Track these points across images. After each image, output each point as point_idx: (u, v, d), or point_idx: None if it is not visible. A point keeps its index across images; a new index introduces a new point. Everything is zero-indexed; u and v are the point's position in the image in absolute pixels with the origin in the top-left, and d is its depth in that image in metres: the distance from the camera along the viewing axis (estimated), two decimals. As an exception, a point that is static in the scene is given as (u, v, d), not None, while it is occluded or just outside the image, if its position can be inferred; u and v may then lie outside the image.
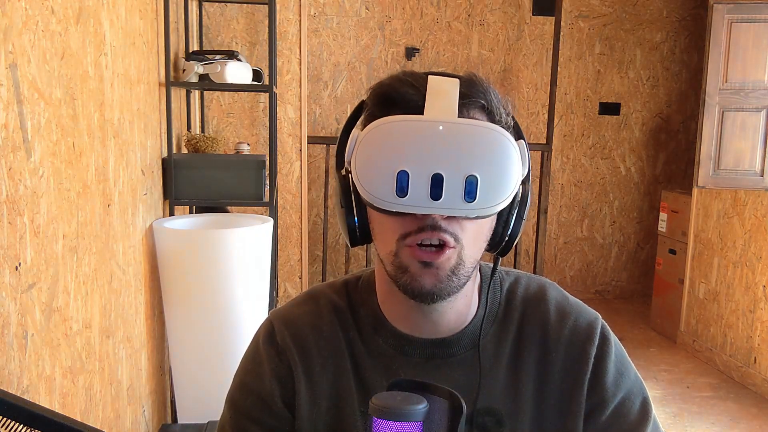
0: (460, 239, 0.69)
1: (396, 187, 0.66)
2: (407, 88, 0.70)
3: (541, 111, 4.34)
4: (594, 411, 0.78)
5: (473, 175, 0.66)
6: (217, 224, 2.39)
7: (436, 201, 0.66)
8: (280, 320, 0.83)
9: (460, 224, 0.69)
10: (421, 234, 0.68)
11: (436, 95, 0.68)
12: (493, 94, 0.72)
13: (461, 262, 0.70)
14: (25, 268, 1.12)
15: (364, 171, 0.68)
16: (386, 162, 0.67)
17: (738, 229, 3.25)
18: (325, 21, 4.04)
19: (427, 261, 0.69)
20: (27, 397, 1.11)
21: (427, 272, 0.69)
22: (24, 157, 1.12)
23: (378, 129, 0.68)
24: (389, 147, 0.67)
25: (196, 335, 2.14)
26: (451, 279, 0.70)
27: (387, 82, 0.73)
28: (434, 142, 0.66)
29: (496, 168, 0.67)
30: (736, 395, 3.06)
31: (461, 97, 0.69)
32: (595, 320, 0.82)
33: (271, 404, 0.80)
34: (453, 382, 0.77)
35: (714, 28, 3.13)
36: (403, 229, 0.69)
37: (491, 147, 0.67)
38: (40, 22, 1.19)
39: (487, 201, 0.67)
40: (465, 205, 0.66)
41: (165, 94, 2.30)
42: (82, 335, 1.42)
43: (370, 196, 0.68)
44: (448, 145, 0.66)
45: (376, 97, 0.73)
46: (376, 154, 0.68)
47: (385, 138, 0.68)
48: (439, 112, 0.67)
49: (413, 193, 0.66)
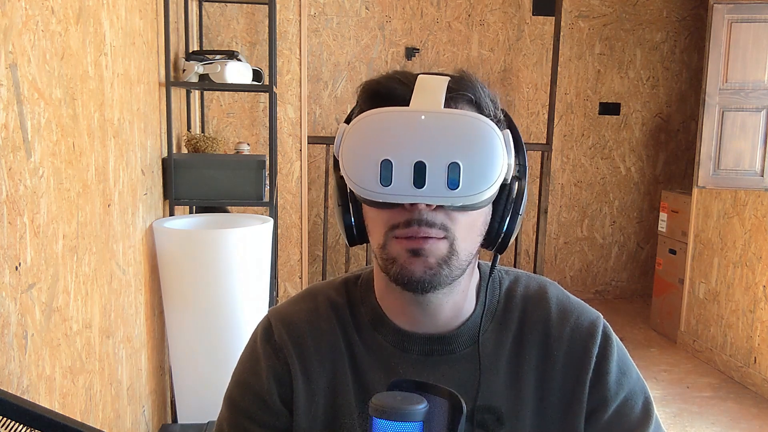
0: (451, 230, 0.69)
1: (380, 176, 0.67)
2: (395, 84, 0.71)
3: (541, 111, 4.34)
4: (596, 410, 0.78)
5: (455, 162, 0.66)
6: (217, 224, 2.39)
7: (419, 189, 0.66)
8: (277, 318, 0.83)
9: (449, 215, 0.69)
10: (408, 228, 0.69)
11: (422, 90, 0.69)
12: (481, 89, 0.73)
13: (454, 252, 0.70)
14: (25, 268, 1.12)
15: (350, 162, 0.69)
16: (370, 152, 0.68)
17: (738, 229, 3.25)
18: (325, 21, 4.04)
19: (415, 248, 0.69)
20: (27, 397, 1.11)
21: (416, 260, 0.69)
22: (24, 157, 1.12)
23: (363, 121, 0.69)
24: (373, 137, 0.68)
25: (196, 335, 2.14)
26: (442, 267, 0.70)
27: (376, 79, 0.74)
28: (417, 131, 0.67)
29: (479, 155, 0.67)
30: (737, 395, 3.06)
31: (449, 91, 0.70)
32: (596, 319, 0.82)
33: (268, 402, 0.80)
34: (452, 378, 0.77)
35: (714, 28, 3.13)
36: (391, 221, 0.70)
37: (473, 134, 0.67)
38: (40, 22, 1.19)
39: (470, 188, 0.67)
40: (449, 192, 0.67)
41: (165, 94, 2.30)
42: (82, 335, 1.42)
43: (356, 187, 0.68)
44: (431, 134, 0.67)
45: (364, 93, 0.74)
46: (361, 144, 0.69)
47: (369, 129, 0.68)
48: (424, 104, 0.68)
49: (397, 181, 0.66)
